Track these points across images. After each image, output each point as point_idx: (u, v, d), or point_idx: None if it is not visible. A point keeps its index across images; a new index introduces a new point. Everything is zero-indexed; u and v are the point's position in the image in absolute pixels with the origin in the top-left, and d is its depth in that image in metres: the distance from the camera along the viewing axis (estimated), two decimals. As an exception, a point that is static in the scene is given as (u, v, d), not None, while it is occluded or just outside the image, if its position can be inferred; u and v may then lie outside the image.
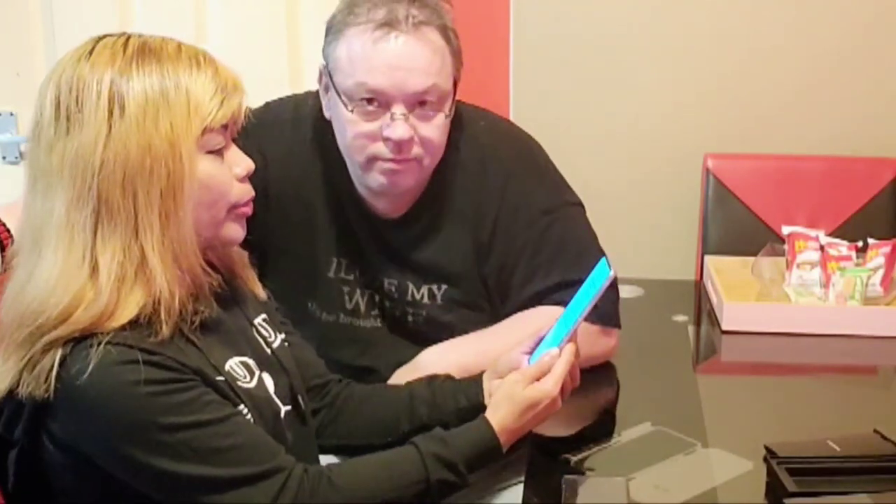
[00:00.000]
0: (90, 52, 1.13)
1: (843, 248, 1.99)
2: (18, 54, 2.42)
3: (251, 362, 1.24)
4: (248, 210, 1.23)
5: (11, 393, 1.11)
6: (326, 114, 1.52)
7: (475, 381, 1.42)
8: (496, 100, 2.52)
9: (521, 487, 1.44)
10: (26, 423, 1.12)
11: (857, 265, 1.97)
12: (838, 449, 1.37)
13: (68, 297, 1.09)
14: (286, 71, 2.43)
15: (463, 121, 1.56)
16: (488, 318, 1.59)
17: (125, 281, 1.11)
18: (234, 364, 1.21)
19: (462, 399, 1.41)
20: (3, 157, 2.47)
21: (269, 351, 1.30)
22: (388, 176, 1.49)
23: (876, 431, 1.42)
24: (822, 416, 1.66)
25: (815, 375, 1.87)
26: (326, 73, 1.48)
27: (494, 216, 1.55)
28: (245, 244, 1.29)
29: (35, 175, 1.14)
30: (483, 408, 1.36)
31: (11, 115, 2.45)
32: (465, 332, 1.60)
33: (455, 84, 1.50)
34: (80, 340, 1.09)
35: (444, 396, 1.42)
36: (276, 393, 1.27)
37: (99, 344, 1.08)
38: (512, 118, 2.55)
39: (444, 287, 1.58)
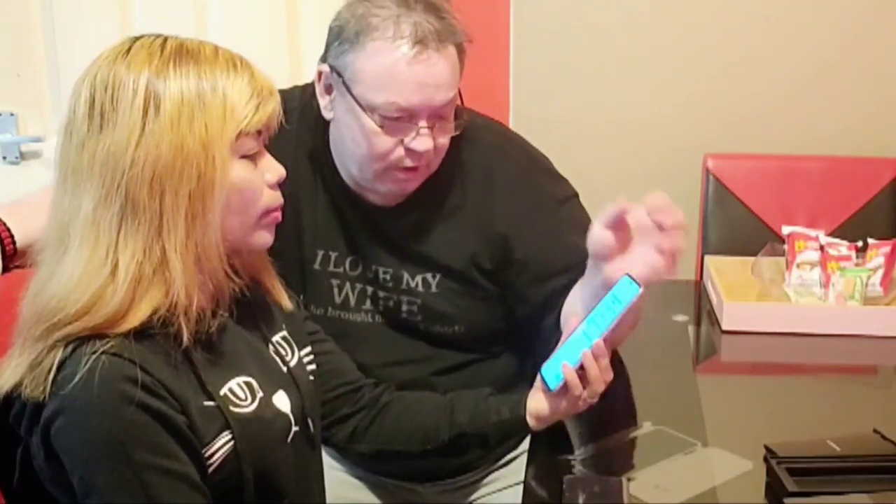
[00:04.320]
0: (127, 52, 1.13)
1: (843, 248, 1.99)
2: (18, 54, 2.42)
3: (255, 383, 1.21)
4: (279, 216, 1.23)
5: (18, 387, 1.10)
6: (327, 115, 1.53)
7: (519, 395, 1.40)
8: (496, 99, 2.52)
9: (521, 487, 1.44)
10: (28, 422, 1.11)
11: (857, 265, 1.97)
12: (838, 449, 1.37)
13: (88, 295, 1.08)
14: (286, 71, 2.43)
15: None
16: (485, 308, 1.59)
17: (142, 281, 1.10)
18: (235, 385, 1.19)
19: (504, 411, 1.40)
20: (4, 158, 2.47)
21: (284, 369, 1.28)
22: (401, 183, 1.52)
23: (876, 431, 1.42)
24: (822, 416, 1.66)
25: (815, 375, 1.87)
26: (334, 78, 1.48)
27: (512, 211, 1.56)
28: None
29: (65, 172, 1.13)
30: (524, 421, 1.38)
31: (11, 115, 2.45)
32: (461, 321, 1.60)
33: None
34: (82, 344, 1.08)
35: (486, 407, 1.41)
36: (291, 410, 1.26)
37: (94, 353, 1.06)
38: (512, 118, 2.56)
39: (438, 276, 1.59)
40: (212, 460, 1.14)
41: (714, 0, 2.61)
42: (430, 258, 1.58)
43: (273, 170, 1.21)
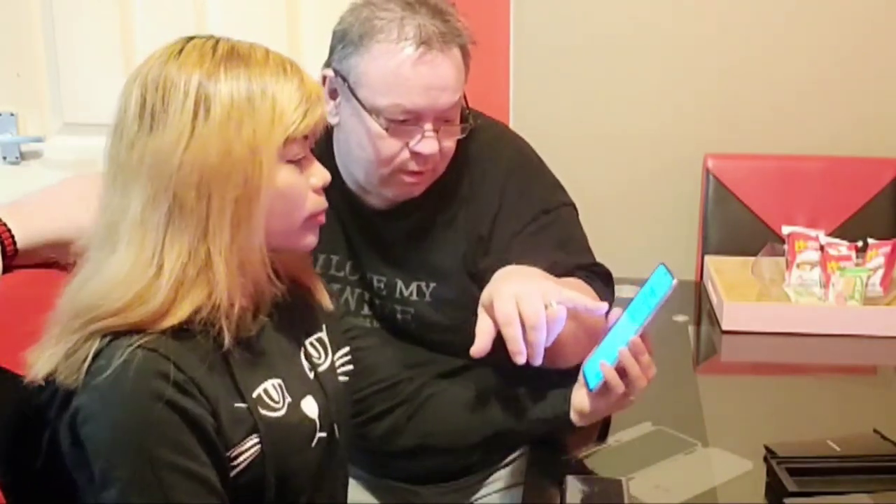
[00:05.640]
0: (179, 52, 1.13)
1: (843, 248, 1.99)
2: (18, 54, 2.43)
3: (285, 387, 1.21)
4: (322, 219, 1.23)
5: (53, 374, 1.11)
6: (332, 120, 1.52)
7: (563, 391, 1.39)
8: (496, 101, 2.52)
9: (521, 488, 1.44)
10: (57, 407, 1.12)
11: (857, 265, 1.97)
12: (838, 449, 1.37)
13: (130, 294, 1.09)
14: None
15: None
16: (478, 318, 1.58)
17: (184, 283, 1.10)
18: (269, 386, 1.19)
19: (547, 409, 1.39)
20: (4, 158, 2.47)
21: (311, 375, 1.28)
22: (406, 187, 1.51)
23: (876, 431, 1.42)
24: (822, 416, 1.66)
25: (815, 375, 1.87)
26: (339, 83, 1.48)
27: (494, 213, 1.55)
28: None
29: (114, 171, 1.13)
30: (567, 417, 1.37)
31: (11, 115, 2.45)
32: (456, 332, 1.60)
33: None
34: (119, 337, 1.08)
35: (528, 404, 1.40)
36: (318, 416, 1.25)
37: (131, 346, 1.07)
38: (512, 118, 2.55)
39: (432, 285, 1.58)
40: (237, 462, 1.14)
41: (715, 1, 2.61)
42: (426, 264, 1.58)
43: (318, 174, 1.21)
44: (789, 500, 1.26)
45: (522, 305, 1.27)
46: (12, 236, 1.30)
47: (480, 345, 1.29)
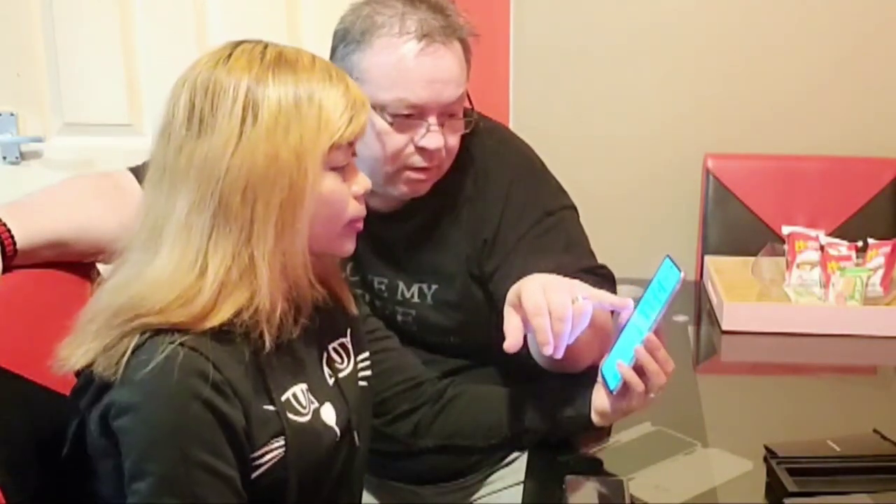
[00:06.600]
0: (228, 57, 1.14)
1: (843, 248, 1.99)
2: (18, 54, 2.42)
3: (310, 392, 1.22)
4: (360, 226, 1.24)
5: (89, 366, 1.11)
6: None
7: (583, 391, 1.39)
8: (496, 101, 2.52)
9: (521, 487, 1.44)
10: (89, 398, 1.12)
11: (857, 265, 1.97)
12: (838, 449, 1.37)
13: (173, 296, 1.09)
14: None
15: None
16: (479, 321, 1.58)
17: (227, 286, 1.11)
18: (297, 391, 1.20)
19: (569, 410, 1.39)
20: (4, 158, 2.47)
21: (331, 382, 1.28)
22: (413, 185, 1.51)
23: (876, 431, 1.42)
24: (822, 416, 1.66)
25: (815, 375, 1.87)
26: None
27: (499, 216, 1.55)
28: None
29: (161, 173, 1.14)
30: (588, 418, 1.37)
31: (11, 115, 2.45)
32: (456, 334, 1.60)
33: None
34: (159, 333, 1.09)
35: (550, 404, 1.41)
36: (336, 423, 1.26)
37: (172, 343, 1.07)
38: (512, 118, 2.56)
39: (434, 287, 1.58)
40: (259, 462, 1.15)
41: (715, 1, 2.61)
42: (427, 265, 1.58)
43: (360, 182, 1.22)
44: (789, 500, 1.26)
45: (550, 297, 1.27)
46: (12, 236, 1.30)
47: (512, 340, 1.28)
